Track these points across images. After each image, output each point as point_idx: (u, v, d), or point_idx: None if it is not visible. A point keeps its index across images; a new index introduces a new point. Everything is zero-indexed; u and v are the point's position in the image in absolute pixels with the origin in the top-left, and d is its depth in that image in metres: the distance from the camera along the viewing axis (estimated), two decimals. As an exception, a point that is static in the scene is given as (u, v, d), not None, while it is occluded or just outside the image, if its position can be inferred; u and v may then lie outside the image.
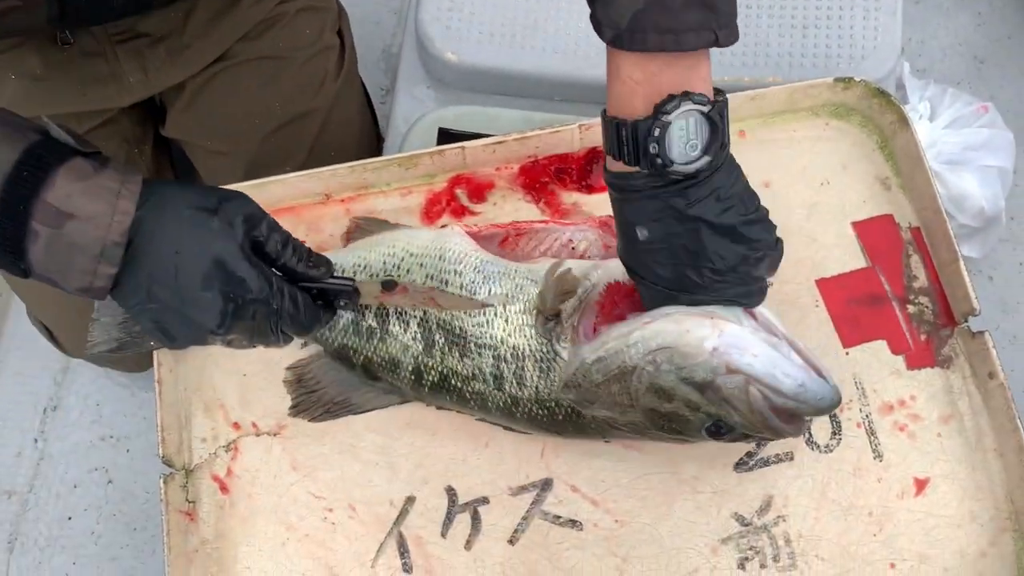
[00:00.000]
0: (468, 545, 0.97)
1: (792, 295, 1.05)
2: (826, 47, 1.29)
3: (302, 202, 1.11)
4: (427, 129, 1.27)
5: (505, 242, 1.01)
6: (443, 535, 0.97)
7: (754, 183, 1.09)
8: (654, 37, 0.74)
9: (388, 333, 0.95)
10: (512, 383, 0.92)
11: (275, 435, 1.01)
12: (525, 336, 0.91)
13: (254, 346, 0.82)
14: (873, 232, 1.08)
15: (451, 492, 0.99)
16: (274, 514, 0.98)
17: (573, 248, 1.00)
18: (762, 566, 0.95)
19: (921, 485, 0.97)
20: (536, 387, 0.91)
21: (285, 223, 1.08)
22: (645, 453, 0.99)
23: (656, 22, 0.73)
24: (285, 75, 1.25)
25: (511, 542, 0.96)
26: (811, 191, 1.11)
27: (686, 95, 0.75)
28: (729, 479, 0.98)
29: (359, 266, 0.98)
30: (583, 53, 1.29)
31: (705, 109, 0.76)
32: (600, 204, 1.08)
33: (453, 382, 0.94)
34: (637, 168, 0.78)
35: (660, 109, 0.75)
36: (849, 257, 1.07)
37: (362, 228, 1.05)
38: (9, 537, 1.61)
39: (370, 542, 0.97)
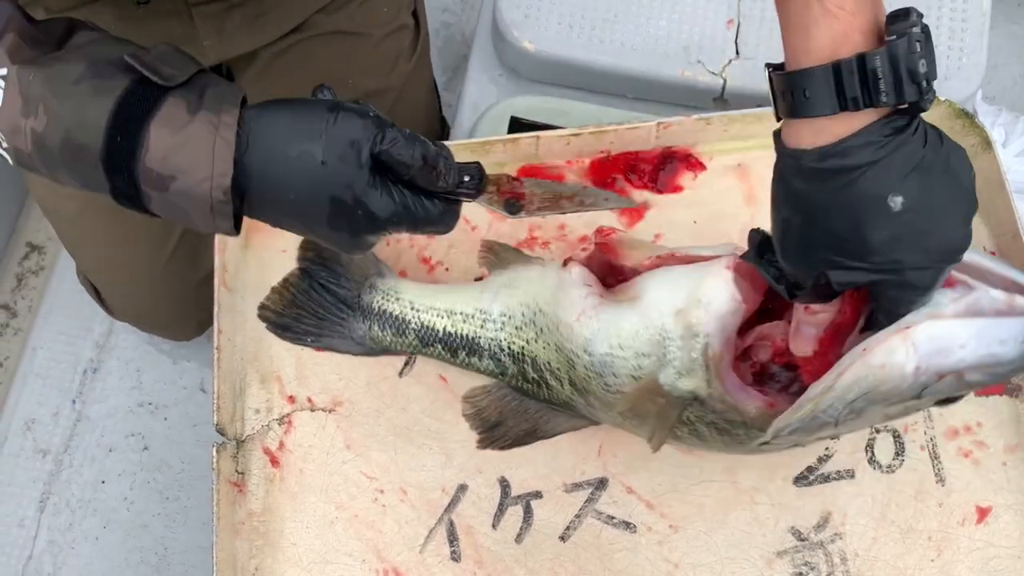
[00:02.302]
0: (519, 538, 0.95)
1: (862, 311, 1.03)
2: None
3: (370, 181, 1.10)
4: (497, 117, 1.26)
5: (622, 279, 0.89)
6: (494, 526, 0.96)
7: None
8: None
9: (550, 387, 0.92)
10: (690, 439, 0.87)
11: (330, 412, 1.00)
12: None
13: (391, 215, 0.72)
14: (947, 253, 1.06)
15: (504, 483, 0.97)
16: (324, 492, 0.97)
17: None
18: (817, 583, 0.93)
19: (983, 513, 0.95)
20: (722, 442, 0.84)
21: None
22: (704, 460, 0.97)
23: None
24: (360, 51, 1.24)
25: (562, 539, 0.95)
26: (886, 207, 1.09)
27: (907, 13, 0.61)
28: (788, 493, 0.96)
29: (505, 315, 0.94)
30: (661, 51, 1.27)
31: (922, 23, 0.62)
32: (669, 204, 1.07)
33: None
34: (869, 116, 0.61)
35: (893, 30, 0.61)
36: (922, 277, 1.05)
37: (495, 253, 0.99)
38: (41, 496, 1.61)
39: (420, 527, 0.96)
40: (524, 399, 0.95)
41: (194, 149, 0.66)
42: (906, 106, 0.62)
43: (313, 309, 1.00)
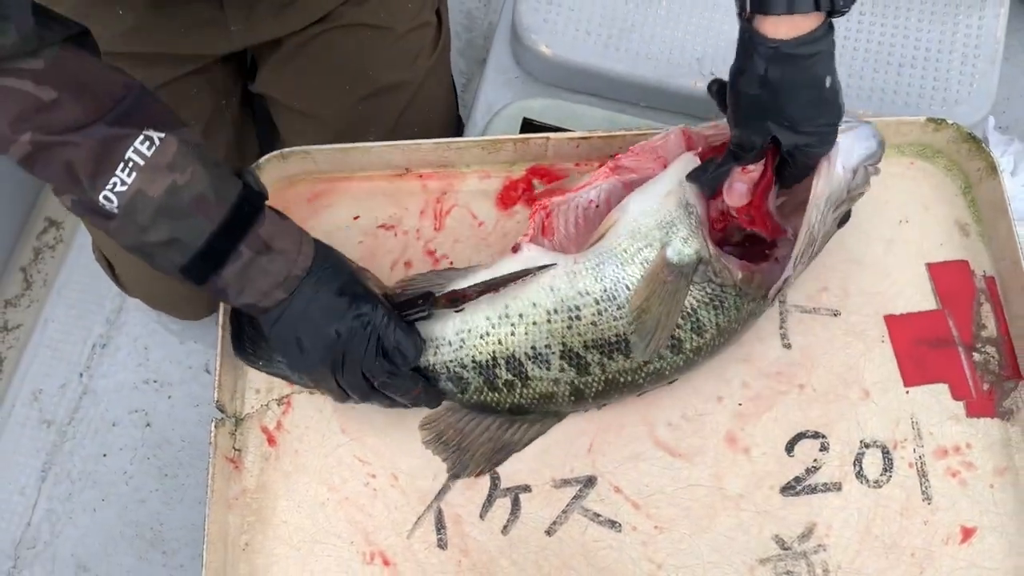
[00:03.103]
0: (505, 530, 0.97)
1: (859, 326, 1.05)
2: (920, 87, 1.28)
3: (381, 172, 1.12)
4: (510, 118, 1.27)
5: (544, 231, 1.00)
6: (481, 517, 0.97)
7: (834, 211, 1.08)
8: None
9: (531, 378, 0.95)
10: (691, 338, 0.94)
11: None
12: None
13: (366, 385, 0.92)
14: (947, 276, 1.07)
15: (494, 476, 0.99)
16: (318, 473, 0.99)
17: (597, 206, 1.01)
18: (797, 592, 0.94)
19: (968, 534, 0.96)
20: (717, 324, 0.95)
21: (362, 192, 1.11)
22: (693, 464, 0.99)
23: None
24: (382, 44, 1.26)
25: (548, 533, 0.97)
26: (890, 227, 1.10)
27: None
28: (774, 501, 0.97)
29: (464, 330, 0.96)
30: (676, 61, 1.29)
31: None
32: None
33: (623, 379, 0.95)
34: (819, 18, 0.82)
35: None
36: (920, 297, 1.06)
37: (415, 280, 1.03)
38: (43, 466, 1.64)
39: (409, 513, 0.98)
40: (482, 416, 0.98)
41: (290, 237, 0.89)
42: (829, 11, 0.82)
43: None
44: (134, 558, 1.58)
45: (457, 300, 0.95)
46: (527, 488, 0.98)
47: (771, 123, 0.87)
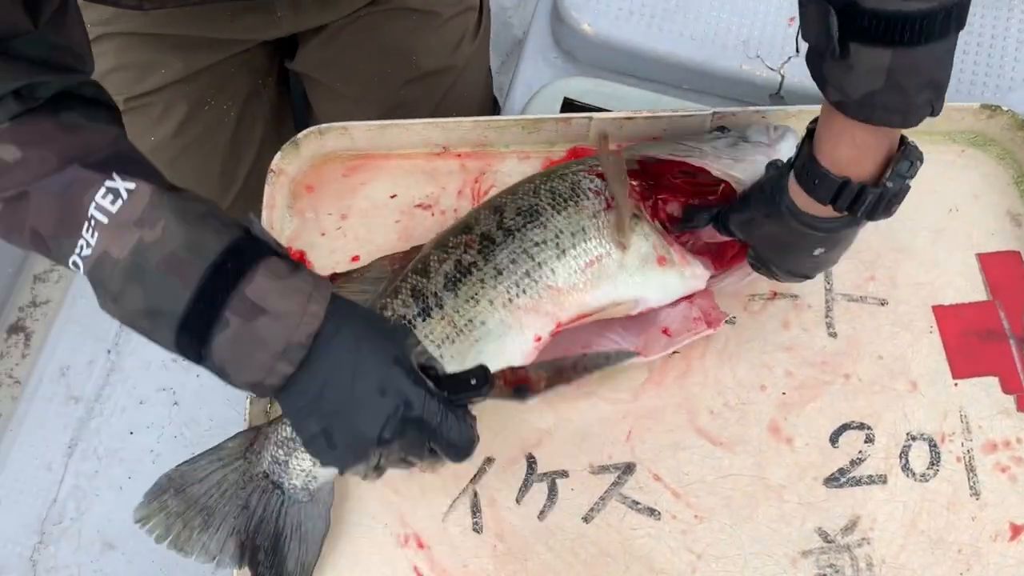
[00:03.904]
0: (542, 515, 0.95)
1: (906, 317, 1.02)
2: (972, 73, 1.25)
3: (419, 151, 1.11)
4: (550, 98, 1.25)
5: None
6: (518, 501, 0.96)
7: (882, 199, 1.06)
8: (882, 114, 0.75)
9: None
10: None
11: (364, 375, 1.00)
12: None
13: (406, 465, 0.79)
14: (998, 266, 1.05)
15: (531, 460, 0.97)
16: (351, 454, 0.98)
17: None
18: (840, 586, 0.92)
19: (1017, 531, 0.94)
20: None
21: (400, 170, 1.10)
22: (735, 453, 0.96)
23: (887, 103, 0.74)
24: (426, 29, 1.24)
25: (585, 520, 0.95)
26: (939, 216, 1.08)
27: (910, 165, 0.80)
28: (817, 493, 0.95)
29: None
30: (720, 43, 1.26)
31: (916, 168, 0.81)
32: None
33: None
34: (838, 212, 0.82)
35: (894, 173, 0.79)
36: (970, 288, 1.04)
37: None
38: (70, 441, 1.63)
39: (444, 496, 0.96)
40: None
41: (292, 297, 0.71)
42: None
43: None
44: (159, 536, 1.57)
45: (523, 390, 0.83)
46: (564, 473, 0.96)
47: (764, 251, 0.92)
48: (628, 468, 0.97)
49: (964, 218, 1.08)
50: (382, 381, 0.73)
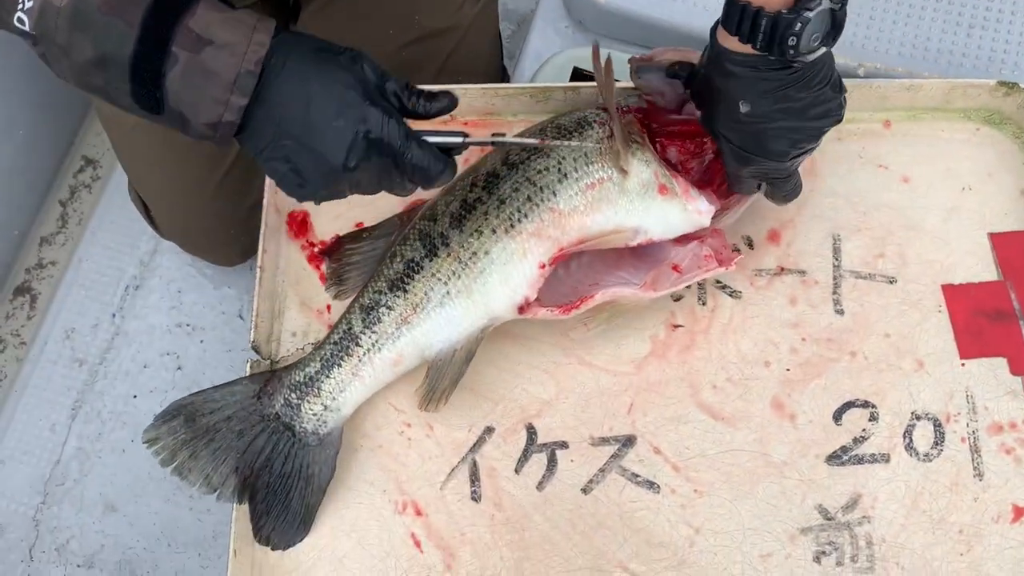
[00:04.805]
0: (540, 486, 0.95)
1: (915, 295, 1.01)
2: (991, 50, 1.22)
3: (426, 117, 1.09)
4: (559, 67, 1.24)
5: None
6: (517, 471, 0.95)
7: (894, 176, 1.05)
8: None
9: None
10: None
11: (365, 342, 1.00)
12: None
13: (379, 190, 0.80)
14: (1011, 246, 1.03)
15: (531, 430, 0.97)
16: (351, 419, 0.97)
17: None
18: (839, 563, 0.91)
19: (1020, 512, 0.93)
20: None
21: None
22: (736, 428, 0.96)
23: None
24: None
25: (584, 491, 0.94)
26: (951, 194, 1.06)
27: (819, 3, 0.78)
28: (819, 470, 0.94)
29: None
30: (734, 15, 1.24)
31: (836, 7, 0.80)
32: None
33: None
34: (758, 51, 0.81)
35: (804, 5, 0.78)
36: (981, 267, 1.02)
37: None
38: (74, 404, 1.63)
39: (443, 464, 0.96)
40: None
41: (236, 28, 0.71)
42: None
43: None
44: (161, 500, 1.57)
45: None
46: (564, 444, 0.96)
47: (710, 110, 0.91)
48: (628, 441, 0.96)
49: (977, 197, 1.06)
50: (337, 107, 0.73)
